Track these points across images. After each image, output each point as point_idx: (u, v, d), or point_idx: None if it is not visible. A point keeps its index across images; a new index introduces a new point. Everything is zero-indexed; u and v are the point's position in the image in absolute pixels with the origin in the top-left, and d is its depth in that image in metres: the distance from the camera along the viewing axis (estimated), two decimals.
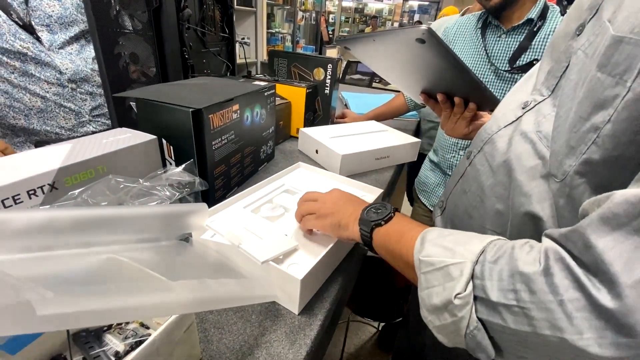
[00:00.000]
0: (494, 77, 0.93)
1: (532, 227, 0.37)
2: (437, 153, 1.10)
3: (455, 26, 1.04)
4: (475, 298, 0.28)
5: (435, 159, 1.11)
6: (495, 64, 0.91)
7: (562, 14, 0.83)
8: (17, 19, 0.78)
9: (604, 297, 0.22)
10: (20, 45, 0.78)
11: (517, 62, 0.88)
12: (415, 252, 0.34)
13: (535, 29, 0.85)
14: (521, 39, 0.87)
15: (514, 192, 0.40)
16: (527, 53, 0.86)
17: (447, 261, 0.31)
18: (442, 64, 0.54)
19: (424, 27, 0.45)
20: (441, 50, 0.50)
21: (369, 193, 0.66)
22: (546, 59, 0.44)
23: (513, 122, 0.44)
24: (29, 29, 0.80)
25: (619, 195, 0.24)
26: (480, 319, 0.29)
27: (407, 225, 0.40)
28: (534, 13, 0.85)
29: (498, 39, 0.91)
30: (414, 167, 1.81)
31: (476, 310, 0.29)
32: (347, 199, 0.49)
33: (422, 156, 1.15)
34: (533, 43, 0.85)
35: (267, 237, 0.48)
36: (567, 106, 0.34)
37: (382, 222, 0.41)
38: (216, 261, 0.46)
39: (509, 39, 0.89)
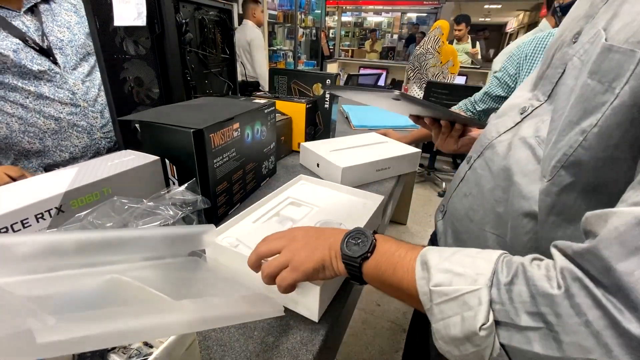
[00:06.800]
0: None
1: (531, 229, 0.38)
2: None
3: (533, 43, 1.01)
4: (498, 323, 0.27)
5: None
6: None
7: (556, 26, 0.84)
8: (33, 45, 0.82)
9: (630, 324, 0.21)
10: (37, 69, 0.82)
11: None
12: (419, 280, 0.32)
13: None
14: None
15: (513, 195, 0.40)
16: None
17: (461, 289, 0.29)
18: (419, 110, 0.67)
19: (396, 92, 0.54)
20: (416, 102, 0.60)
21: (370, 200, 0.67)
22: (542, 66, 0.45)
23: (512, 127, 0.45)
24: (46, 52, 0.84)
25: (631, 216, 0.23)
26: (502, 344, 0.27)
27: (397, 252, 0.36)
28: None
29: None
30: None
31: (498, 335, 0.27)
32: (315, 234, 0.42)
33: None
34: None
35: None
36: (561, 111, 0.35)
37: (369, 255, 0.37)
38: (224, 276, 0.46)
39: None
